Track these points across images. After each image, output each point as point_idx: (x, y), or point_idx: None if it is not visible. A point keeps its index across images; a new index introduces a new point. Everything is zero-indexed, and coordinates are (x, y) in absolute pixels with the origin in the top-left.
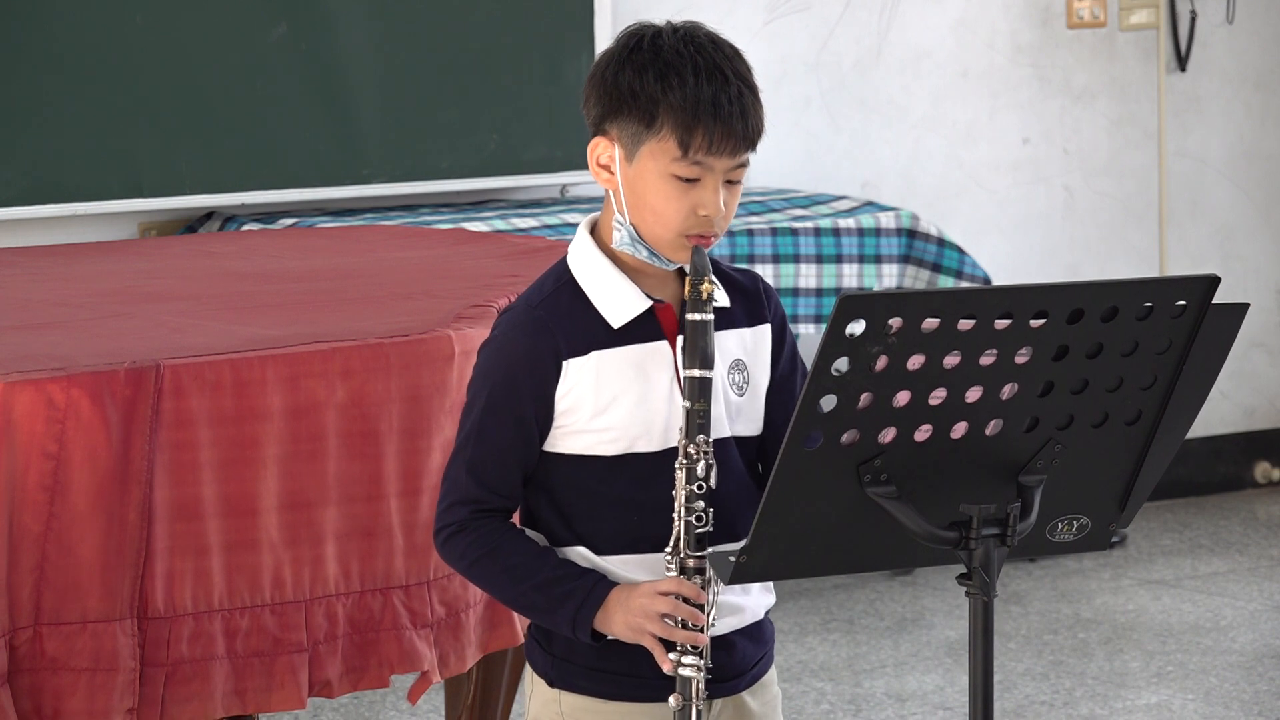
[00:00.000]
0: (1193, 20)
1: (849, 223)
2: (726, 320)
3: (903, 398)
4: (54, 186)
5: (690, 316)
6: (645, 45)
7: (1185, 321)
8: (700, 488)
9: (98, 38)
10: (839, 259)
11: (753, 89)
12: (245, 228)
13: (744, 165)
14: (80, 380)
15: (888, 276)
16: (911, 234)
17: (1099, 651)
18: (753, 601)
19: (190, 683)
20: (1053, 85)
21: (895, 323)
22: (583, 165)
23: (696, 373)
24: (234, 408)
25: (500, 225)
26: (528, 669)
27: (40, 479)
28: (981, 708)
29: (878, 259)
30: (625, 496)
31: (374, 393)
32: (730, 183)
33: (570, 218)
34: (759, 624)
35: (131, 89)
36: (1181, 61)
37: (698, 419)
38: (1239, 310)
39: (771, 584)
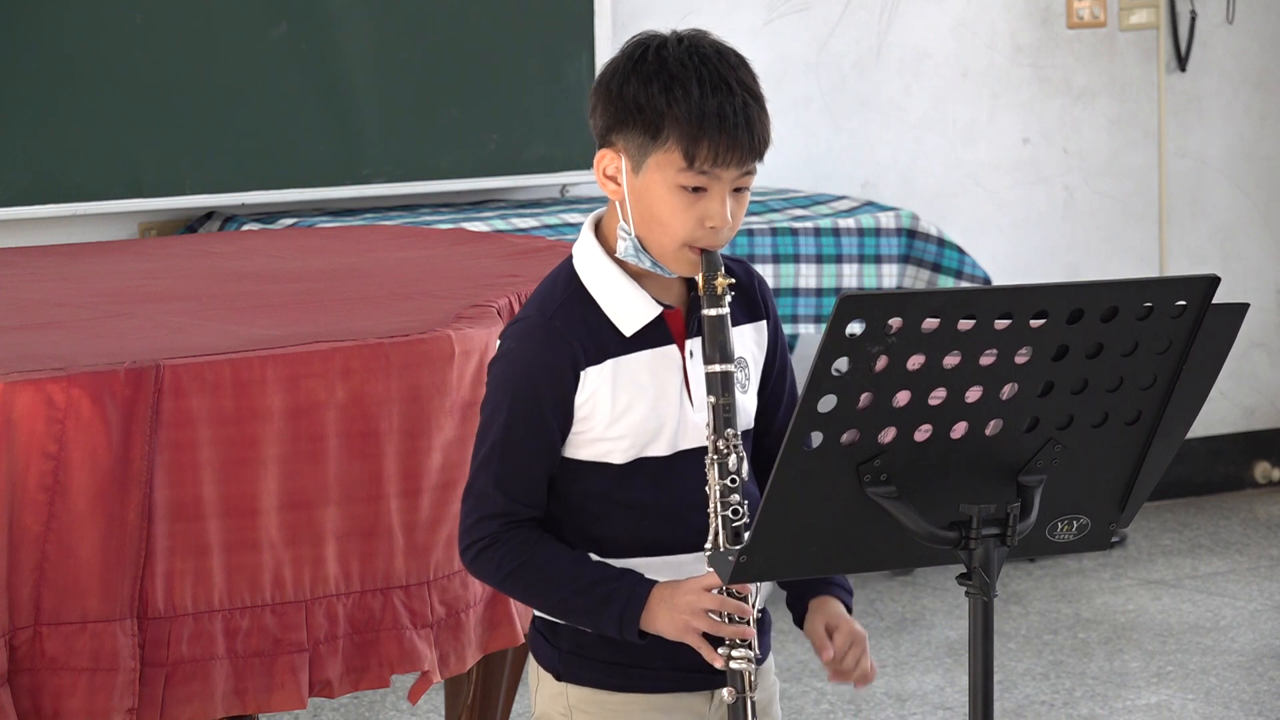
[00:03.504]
0: (1193, 20)
1: (849, 223)
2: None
3: (903, 398)
4: (54, 186)
5: (707, 312)
6: (650, 56)
7: (1185, 321)
8: (733, 481)
9: (98, 38)
10: (839, 259)
11: (758, 99)
12: (245, 228)
13: (751, 174)
14: (80, 380)
15: (888, 276)
16: (911, 234)
17: (1099, 651)
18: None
19: (190, 683)
20: (1053, 85)
21: (895, 323)
22: (583, 165)
23: (718, 367)
24: (234, 408)
25: (500, 225)
26: (531, 664)
27: (40, 479)
28: (981, 708)
29: (878, 259)
30: (635, 501)
31: (374, 393)
32: (738, 190)
33: (570, 218)
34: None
35: (131, 89)
36: (1181, 61)
37: (724, 413)
38: (1239, 310)
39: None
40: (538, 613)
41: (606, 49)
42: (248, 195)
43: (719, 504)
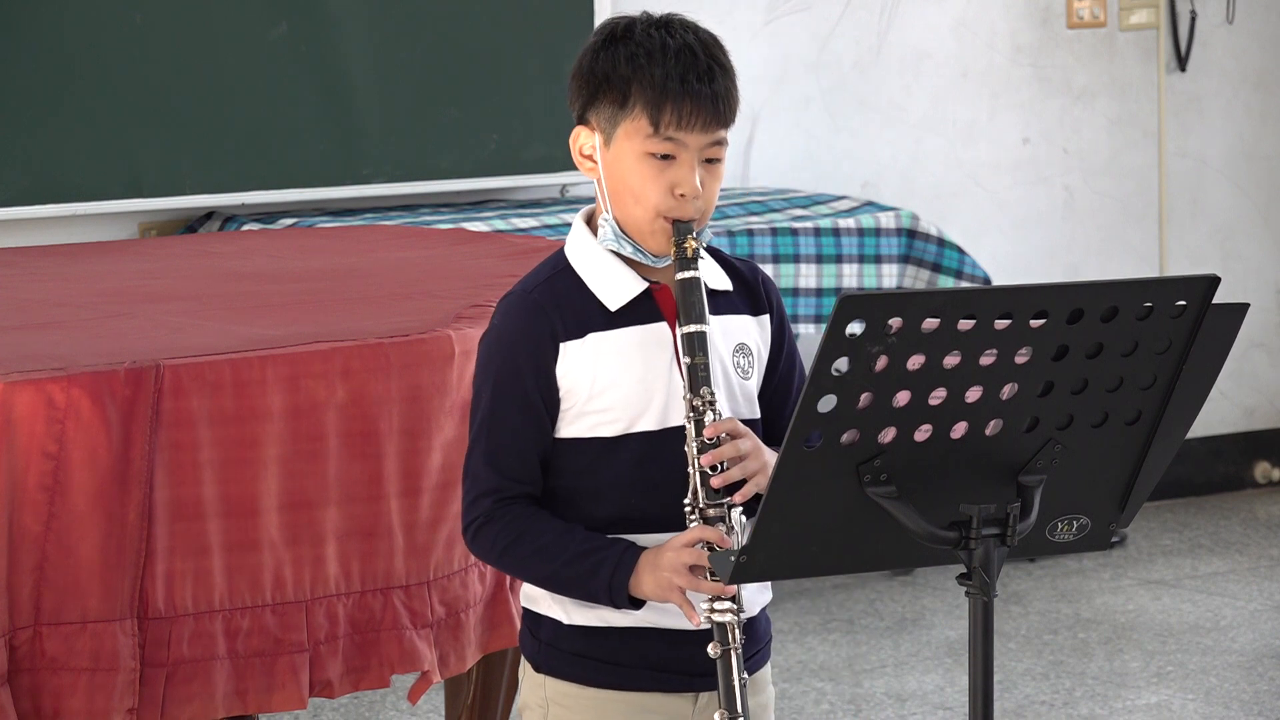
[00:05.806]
0: (1193, 20)
1: (849, 223)
2: (729, 305)
3: (903, 398)
4: (54, 186)
5: (679, 275)
6: (619, 33)
7: (1185, 321)
8: (711, 438)
9: (97, 38)
10: (839, 259)
11: (724, 67)
12: (245, 228)
13: (721, 143)
14: (80, 380)
15: (888, 276)
16: (911, 234)
17: (1099, 651)
18: (745, 598)
19: (191, 683)
20: (1053, 85)
21: (895, 323)
22: None
23: (692, 328)
24: (234, 408)
25: (500, 225)
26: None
27: (40, 479)
28: (981, 708)
29: (878, 259)
30: (626, 476)
31: (374, 393)
32: (710, 162)
33: (570, 218)
34: (752, 620)
35: (131, 89)
36: (1181, 61)
37: (700, 372)
38: (1239, 310)
39: (769, 582)
40: (533, 588)
41: None
42: (248, 195)
43: (695, 460)
